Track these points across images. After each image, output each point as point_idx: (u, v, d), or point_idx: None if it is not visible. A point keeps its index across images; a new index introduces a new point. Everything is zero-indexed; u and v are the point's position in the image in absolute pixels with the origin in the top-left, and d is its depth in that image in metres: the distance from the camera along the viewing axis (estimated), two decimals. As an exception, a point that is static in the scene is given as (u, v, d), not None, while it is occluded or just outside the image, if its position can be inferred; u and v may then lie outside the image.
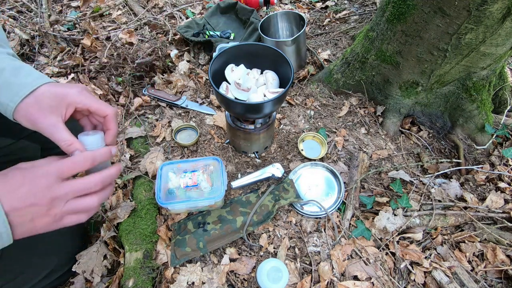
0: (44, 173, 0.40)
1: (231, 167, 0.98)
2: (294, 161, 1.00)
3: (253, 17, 1.39)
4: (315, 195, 0.92)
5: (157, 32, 1.45)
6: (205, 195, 0.79)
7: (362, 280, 0.77)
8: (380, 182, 0.98)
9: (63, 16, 1.51)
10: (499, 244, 0.84)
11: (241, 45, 0.82)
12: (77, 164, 0.42)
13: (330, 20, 1.59)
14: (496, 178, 1.00)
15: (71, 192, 0.41)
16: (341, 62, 1.19)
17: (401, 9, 0.89)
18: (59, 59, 1.29)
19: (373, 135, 1.11)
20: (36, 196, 0.39)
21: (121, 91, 1.18)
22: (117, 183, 0.92)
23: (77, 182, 0.42)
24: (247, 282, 0.77)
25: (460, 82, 1.02)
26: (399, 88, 1.06)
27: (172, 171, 0.83)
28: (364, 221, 0.87)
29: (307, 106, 1.18)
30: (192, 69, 1.29)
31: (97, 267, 0.73)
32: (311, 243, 0.84)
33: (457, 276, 0.78)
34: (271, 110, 0.78)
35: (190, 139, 1.04)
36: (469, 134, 1.10)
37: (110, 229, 0.81)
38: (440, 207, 0.89)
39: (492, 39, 0.81)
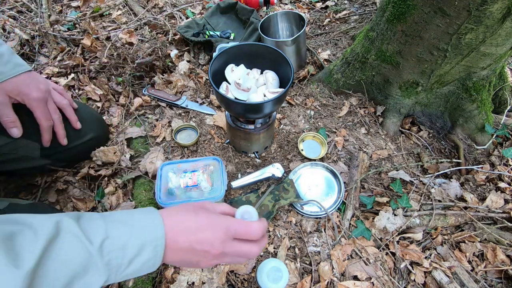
0: (224, 227, 0.46)
1: (231, 167, 0.98)
2: (294, 161, 1.00)
3: (253, 17, 1.39)
4: (315, 195, 0.92)
5: (157, 32, 1.45)
6: (205, 195, 0.79)
7: (362, 280, 0.77)
8: (380, 182, 0.98)
9: (63, 16, 1.51)
10: (499, 244, 0.84)
11: (241, 45, 0.82)
12: (251, 234, 0.48)
13: (330, 20, 1.59)
14: (496, 178, 1.00)
15: (237, 252, 0.47)
16: (341, 62, 1.19)
17: (401, 9, 0.89)
18: (59, 59, 1.29)
19: (373, 135, 1.11)
20: (212, 245, 0.44)
21: (121, 91, 1.18)
22: (117, 183, 0.92)
23: (243, 245, 0.48)
24: (247, 282, 0.77)
25: (460, 82, 1.02)
26: (399, 88, 1.06)
27: (172, 171, 0.83)
28: (364, 221, 0.87)
29: (307, 106, 1.18)
30: (192, 69, 1.29)
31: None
32: (311, 243, 0.84)
33: (457, 276, 0.78)
34: (271, 110, 0.78)
35: (190, 139, 1.04)
36: (469, 134, 1.10)
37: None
38: (440, 207, 0.89)
39: (492, 39, 0.81)
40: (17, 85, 0.71)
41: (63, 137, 0.82)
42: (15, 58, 0.72)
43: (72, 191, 0.90)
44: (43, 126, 0.76)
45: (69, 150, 0.85)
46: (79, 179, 0.92)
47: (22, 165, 0.82)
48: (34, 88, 0.73)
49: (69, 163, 0.93)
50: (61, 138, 0.81)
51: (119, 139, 1.01)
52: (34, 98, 0.73)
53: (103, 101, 1.14)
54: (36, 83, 0.74)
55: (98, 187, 0.91)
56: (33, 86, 0.73)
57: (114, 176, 0.94)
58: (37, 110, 0.74)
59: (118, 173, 0.96)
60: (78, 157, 0.93)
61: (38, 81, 0.75)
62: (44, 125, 0.76)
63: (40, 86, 0.75)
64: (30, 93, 0.72)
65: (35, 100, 0.73)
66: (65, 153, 0.85)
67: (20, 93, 0.71)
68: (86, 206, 0.87)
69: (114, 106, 1.14)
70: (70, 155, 0.88)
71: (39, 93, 0.74)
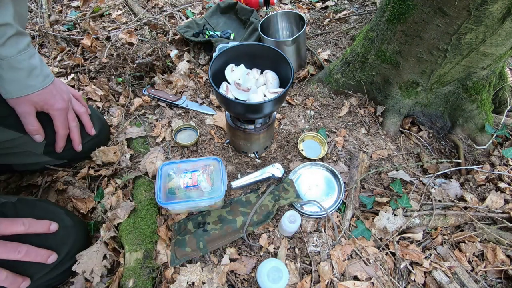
0: None
1: (231, 167, 0.98)
2: (294, 161, 1.00)
3: (253, 17, 1.39)
4: (315, 195, 0.92)
5: (157, 32, 1.45)
6: (205, 195, 0.79)
7: (362, 280, 0.77)
8: (380, 182, 0.98)
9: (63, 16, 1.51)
10: (499, 244, 0.84)
11: (241, 45, 0.82)
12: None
13: (330, 20, 1.59)
14: (496, 178, 1.00)
15: None
16: (341, 62, 1.19)
17: (401, 9, 0.89)
18: (59, 59, 1.29)
19: (373, 135, 1.11)
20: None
21: (121, 91, 1.18)
22: (117, 183, 0.92)
23: None
24: (247, 282, 0.77)
25: (460, 82, 1.02)
26: (399, 88, 1.06)
27: (172, 171, 0.83)
28: (364, 221, 0.87)
29: (307, 106, 1.18)
30: (192, 69, 1.29)
31: (97, 267, 0.73)
32: (311, 243, 0.84)
33: (457, 276, 0.78)
34: (271, 110, 0.78)
35: (190, 139, 1.04)
36: (469, 134, 1.10)
37: (110, 229, 0.81)
38: (440, 207, 0.89)
39: (492, 39, 0.81)
40: (45, 97, 0.73)
41: (78, 144, 0.86)
42: (45, 69, 0.73)
43: (72, 191, 0.90)
44: (60, 134, 0.80)
45: (71, 149, 0.86)
46: (79, 179, 0.93)
47: (24, 160, 0.83)
48: (59, 99, 0.76)
49: (69, 162, 0.94)
50: (77, 145, 0.86)
51: (119, 139, 1.01)
52: (57, 108, 0.76)
53: (103, 101, 1.14)
54: (61, 93, 0.77)
55: (98, 187, 0.91)
56: (58, 97, 0.76)
57: (114, 176, 0.94)
58: (58, 120, 0.77)
59: (118, 173, 0.95)
60: (79, 155, 0.93)
61: (62, 91, 0.78)
62: (61, 133, 0.80)
63: (63, 96, 0.78)
64: (54, 104, 0.75)
65: (58, 110, 0.76)
66: (66, 151, 0.86)
67: (46, 104, 0.74)
68: (86, 207, 0.87)
69: (114, 106, 1.14)
70: (71, 153, 0.88)
71: (63, 104, 0.77)
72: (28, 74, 0.68)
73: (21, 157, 0.82)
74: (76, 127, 0.83)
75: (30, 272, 0.65)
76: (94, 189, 0.92)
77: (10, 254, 0.60)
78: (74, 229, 0.74)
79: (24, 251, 0.62)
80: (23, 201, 0.70)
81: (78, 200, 0.88)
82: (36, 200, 0.76)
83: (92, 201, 0.89)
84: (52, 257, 0.66)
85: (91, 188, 0.93)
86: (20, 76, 0.67)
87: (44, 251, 0.65)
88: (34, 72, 0.70)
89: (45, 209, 0.72)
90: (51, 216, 0.71)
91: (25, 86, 0.69)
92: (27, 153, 0.81)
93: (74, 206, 0.87)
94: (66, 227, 0.72)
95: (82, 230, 0.79)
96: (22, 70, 0.67)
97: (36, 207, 0.71)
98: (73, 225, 0.74)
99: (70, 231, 0.73)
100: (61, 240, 0.71)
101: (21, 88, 0.68)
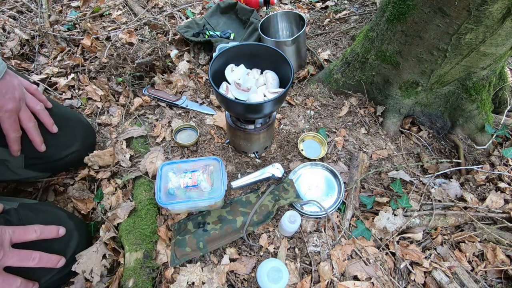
0: None
1: (231, 167, 0.98)
2: (294, 161, 1.00)
3: (253, 17, 1.39)
4: (315, 195, 0.92)
5: (157, 32, 1.45)
6: (205, 195, 0.79)
7: (362, 280, 0.77)
8: (380, 182, 0.98)
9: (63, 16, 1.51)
10: (499, 244, 0.84)
11: (241, 45, 0.82)
12: None
13: (330, 20, 1.59)
14: (496, 178, 1.00)
15: None
16: (341, 62, 1.19)
17: (401, 9, 0.89)
18: (59, 59, 1.29)
19: (373, 135, 1.11)
20: None
21: (121, 91, 1.18)
22: (117, 184, 0.92)
23: None
24: (247, 282, 0.77)
25: (460, 82, 1.02)
26: (399, 88, 1.06)
27: (172, 171, 0.83)
28: (364, 221, 0.87)
29: (307, 106, 1.18)
30: (192, 69, 1.29)
31: (96, 266, 0.73)
32: (311, 243, 0.84)
33: (457, 276, 0.78)
34: (271, 110, 0.78)
35: (190, 139, 1.04)
36: (469, 134, 1.10)
37: (109, 229, 0.81)
38: (440, 207, 0.89)
39: (492, 39, 0.81)
40: None
41: (40, 144, 0.77)
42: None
43: (72, 191, 0.90)
44: (11, 137, 0.71)
45: (54, 162, 0.84)
46: (78, 180, 0.92)
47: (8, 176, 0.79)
48: (10, 98, 0.68)
49: (54, 174, 0.92)
50: (38, 145, 0.77)
51: (119, 139, 1.01)
52: (7, 110, 0.67)
53: (103, 101, 1.14)
54: (12, 91, 0.68)
55: (98, 188, 0.91)
56: (9, 95, 0.67)
57: (114, 177, 0.94)
58: (7, 122, 0.69)
59: (118, 173, 0.95)
60: (64, 167, 0.92)
61: (13, 88, 0.69)
62: (11, 137, 0.71)
63: (15, 95, 0.69)
64: (4, 104, 0.67)
65: (7, 112, 0.68)
66: (49, 164, 0.84)
67: None
68: (86, 207, 0.87)
69: (114, 106, 1.14)
70: (55, 166, 0.87)
71: (13, 105, 0.68)
72: None
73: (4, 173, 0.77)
74: (33, 127, 0.74)
75: (37, 276, 0.65)
76: (94, 189, 0.92)
77: (24, 262, 0.61)
78: (77, 232, 0.75)
79: (37, 258, 0.63)
80: (25, 206, 0.69)
81: (78, 200, 0.88)
82: (38, 204, 0.75)
83: (92, 201, 0.89)
84: (61, 262, 0.67)
85: (91, 188, 0.93)
86: None
87: (54, 256, 0.67)
88: None
89: (48, 213, 0.72)
90: (54, 220, 0.71)
91: None
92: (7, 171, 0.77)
93: (75, 206, 0.87)
94: (70, 231, 0.72)
95: (84, 232, 0.79)
96: None
97: (39, 211, 0.71)
98: (75, 228, 0.74)
99: (73, 234, 0.73)
100: (65, 243, 0.71)
101: None
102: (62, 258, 0.68)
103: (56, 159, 0.84)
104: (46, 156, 0.80)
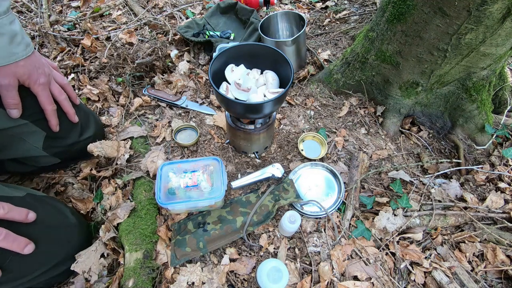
0: None
1: (231, 167, 0.98)
2: (294, 161, 1.00)
3: (253, 17, 1.39)
4: (315, 195, 0.92)
5: (157, 32, 1.45)
6: (205, 195, 0.79)
7: (362, 280, 0.77)
8: (380, 182, 0.98)
9: (63, 16, 1.51)
10: (499, 244, 0.84)
11: (241, 45, 0.82)
12: None
13: (330, 20, 1.59)
14: (496, 178, 1.00)
15: None
16: (341, 62, 1.19)
17: (401, 9, 0.89)
18: (59, 59, 1.29)
19: (373, 135, 1.11)
20: None
21: (121, 91, 1.18)
22: (117, 184, 0.92)
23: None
24: (247, 282, 0.77)
25: (460, 82, 1.02)
26: (399, 88, 1.06)
27: (172, 171, 0.83)
28: (364, 221, 0.87)
29: (307, 106, 1.18)
30: (192, 69, 1.29)
31: (95, 265, 0.73)
32: (311, 243, 0.84)
33: (457, 276, 0.78)
34: (271, 110, 0.78)
35: (190, 139, 1.04)
36: (469, 134, 1.10)
37: (109, 230, 0.81)
38: (440, 207, 0.89)
39: (492, 39, 0.81)
40: (28, 70, 0.70)
41: (73, 115, 0.83)
42: (26, 37, 0.71)
43: (71, 191, 0.90)
44: (48, 111, 0.76)
45: (69, 147, 0.86)
46: (79, 180, 0.92)
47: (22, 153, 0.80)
48: (42, 73, 0.73)
49: (64, 161, 0.92)
50: (72, 116, 0.83)
51: (120, 138, 1.01)
52: (41, 83, 0.73)
53: (102, 101, 1.14)
54: (42, 67, 0.74)
55: (98, 188, 0.91)
56: (41, 71, 0.73)
57: (114, 177, 0.94)
58: (42, 95, 0.74)
59: (118, 174, 0.95)
60: (77, 154, 0.93)
61: (43, 64, 0.75)
62: (49, 110, 0.76)
63: (45, 70, 0.74)
64: (38, 78, 0.72)
65: (41, 85, 0.73)
66: (64, 148, 0.85)
67: (29, 78, 0.71)
68: (86, 207, 0.87)
69: (114, 106, 1.14)
70: (69, 151, 0.87)
71: (45, 78, 0.74)
72: (10, 41, 0.65)
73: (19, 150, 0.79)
74: (65, 99, 0.80)
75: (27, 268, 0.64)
76: (94, 189, 0.92)
77: None
78: (78, 229, 0.75)
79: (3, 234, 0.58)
80: (32, 196, 0.69)
81: (78, 200, 0.88)
82: (44, 197, 0.75)
83: (91, 201, 0.89)
84: (29, 247, 0.62)
85: (91, 188, 0.93)
86: (2, 42, 0.64)
87: (23, 239, 0.61)
88: (16, 38, 0.67)
89: (53, 206, 0.72)
90: (58, 213, 0.71)
91: (9, 53, 0.65)
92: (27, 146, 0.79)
93: (74, 206, 0.87)
94: (71, 226, 0.72)
95: (85, 230, 0.79)
96: (3, 36, 0.64)
97: (45, 203, 0.71)
98: (77, 224, 0.74)
99: (74, 230, 0.73)
100: (66, 238, 0.71)
101: (4, 56, 0.65)
102: (31, 244, 0.62)
103: (72, 143, 0.85)
104: (64, 138, 0.83)
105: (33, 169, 0.89)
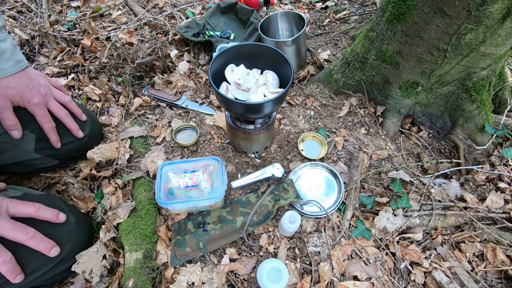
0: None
1: (231, 167, 0.98)
2: (294, 161, 1.00)
3: (253, 17, 1.39)
4: (315, 195, 0.92)
5: (157, 32, 1.45)
6: (205, 195, 0.79)
7: (362, 280, 0.77)
8: (380, 182, 0.98)
9: (63, 16, 1.51)
10: (499, 244, 0.84)
11: (241, 45, 0.82)
12: None
13: (330, 20, 1.59)
14: (496, 178, 1.00)
15: None
16: (341, 62, 1.19)
17: (401, 9, 0.89)
18: (59, 59, 1.29)
19: (373, 135, 1.11)
20: None
21: (121, 91, 1.18)
22: (117, 183, 0.92)
23: None
24: (247, 282, 0.77)
25: (460, 82, 1.02)
26: (399, 88, 1.06)
27: (172, 171, 0.83)
28: (364, 221, 0.87)
29: (307, 106, 1.18)
30: (192, 69, 1.29)
31: (96, 267, 0.73)
32: (311, 243, 0.84)
33: (457, 276, 0.78)
34: (271, 110, 0.78)
35: (190, 139, 1.04)
36: (469, 134, 1.10)
37: (109, 230, 0.81)
38: (440, 207, 0.89)
39: (492, 39, 0.81)
40: (20, 91, 0.72)
41: (77, 130, 0.85)
42: (18, 54, 0.73)
43: (72, 190, 0.90)
44: (47, 129, 0.79)
45: (62, 147, 0.85)
46: (79, 180, 0.92)
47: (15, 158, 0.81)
48: (36, 93, 0.75)
49: (63, 162, 0.92)
50: (76, 131, 0.85)
51: (120, 138, 1.01)
52: (35, 103, 0.75)
53: (102, 101, 1.14)
54: (37, 87, 0.76)
55: (98, 188, 0.91)
56: (35, 90, 0.75)
57: (114, 177, 0.94)
58: (38, 114, 0.77)
59: (118, 173, 0.95)
60: (72, 154, 0.92)
61: (39, 84, 0.77)
62: (47, 128, 0.79)
63: (40, 90, 0.76)
64: (31, 98, 0.74)
65: (35, 105, 0.75)
66: (58, 149, 0.85)
67: (22, 99, 0.73)
68: (86, 206, 0.87)
69: (114, 106, 1.14)
70: (64, 152, 0.87)
71: (39, 98, 0.76)
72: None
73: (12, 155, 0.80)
74: (66, 115, 0.82)
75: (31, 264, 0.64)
76: (94, 189, 0.92)
77: (18, 233, 0.60)
78: (78, 227, 0.74)
79: (31, 233, 0.61)
80: (29, 196, 0.70)
81: (78, 199, 0.88)
82: (42, 195, 0.75)
83: (92, 201, 0.89)
84: (55, 250, 0.65)
85: (91, 188, 0.93)
86: None
87: (49, 241, 0.64)
88: (4, 55, 0.69)
89: (52, 204, 0.72)
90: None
91: None
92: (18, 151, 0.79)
93: (75, 205, 0.87)
94: (71, 224, 0.72)
95: (86, 229, 0.79)
96: None
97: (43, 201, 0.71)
98: (77, 223, 0.74)
99: (74, 228, 0.73)
100: (67, 236, 0.71)
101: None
102: (56, 247, 0.66)
103: (65, 143, 0.85)
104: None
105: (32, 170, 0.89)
